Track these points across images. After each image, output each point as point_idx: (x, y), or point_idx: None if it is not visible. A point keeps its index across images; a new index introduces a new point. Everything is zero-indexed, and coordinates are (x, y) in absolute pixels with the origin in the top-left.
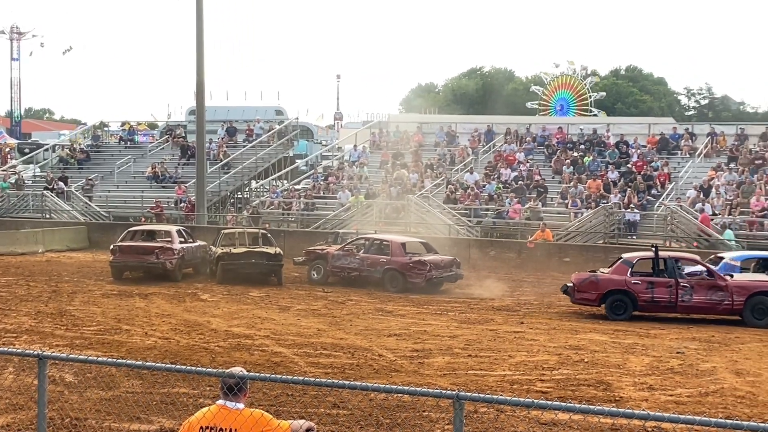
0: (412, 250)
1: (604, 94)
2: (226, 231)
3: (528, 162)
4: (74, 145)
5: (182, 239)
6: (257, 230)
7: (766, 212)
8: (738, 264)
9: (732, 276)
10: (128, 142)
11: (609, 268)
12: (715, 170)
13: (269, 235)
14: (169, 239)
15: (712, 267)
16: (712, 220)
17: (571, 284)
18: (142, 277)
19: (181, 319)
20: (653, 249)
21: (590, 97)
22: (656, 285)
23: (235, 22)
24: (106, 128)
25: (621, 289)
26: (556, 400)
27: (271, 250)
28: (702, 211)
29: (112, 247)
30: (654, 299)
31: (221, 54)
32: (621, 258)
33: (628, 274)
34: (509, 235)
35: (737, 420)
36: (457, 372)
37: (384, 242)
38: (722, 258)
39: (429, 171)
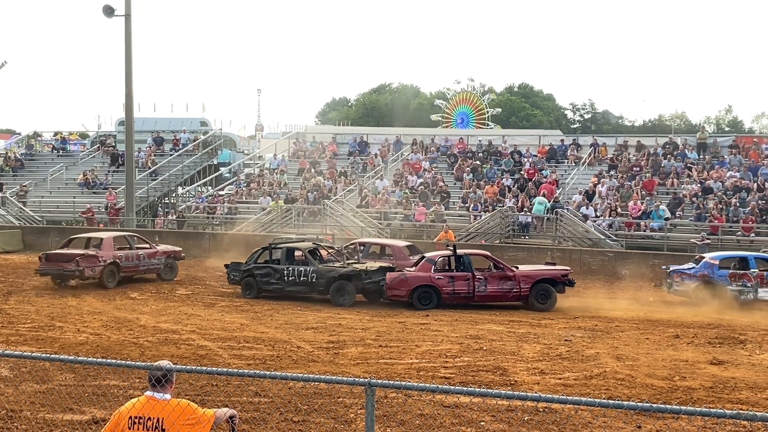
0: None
1: (500, 110)
2: (280, 245)
3: (432, 170)
4: (9, 154)
5: (125, 246)
6: (311, 243)
7: (642, 214)
8: (717, 263)
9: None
10: (60, 151)
11: (414, 267)
12: (598, 177)
13: (336, 247)
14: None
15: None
16: (595, 221)
17: (384, 283)
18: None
19: (111, 316)
20: (452, 249)
21: (487, 111)
22: (456, 279)
23: (162, 38)
24: (39, 138)
25: (426, 284)
26: (458, 385)
27: (384, 264)
28: (585, 217)
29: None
30: (455, 291)
31: (149, 68)
32: (424, 257)
33: (432, 271)
34: (416, 236)
35: (619, 400)
36: (369, 361)
37: (386, 247)
38: (703, 258)
39: (343, 178)
